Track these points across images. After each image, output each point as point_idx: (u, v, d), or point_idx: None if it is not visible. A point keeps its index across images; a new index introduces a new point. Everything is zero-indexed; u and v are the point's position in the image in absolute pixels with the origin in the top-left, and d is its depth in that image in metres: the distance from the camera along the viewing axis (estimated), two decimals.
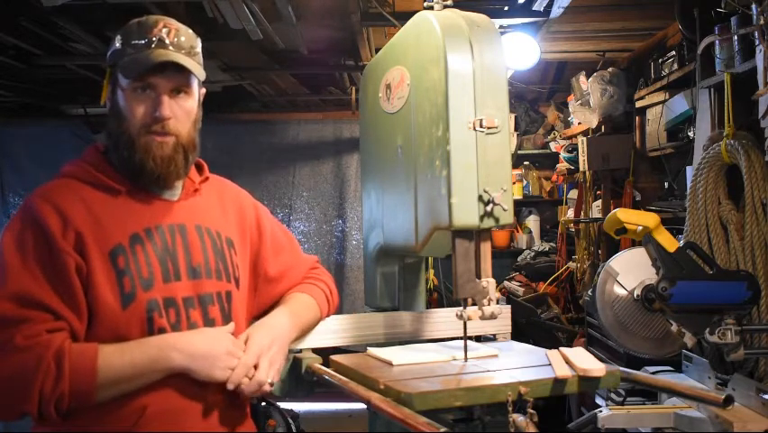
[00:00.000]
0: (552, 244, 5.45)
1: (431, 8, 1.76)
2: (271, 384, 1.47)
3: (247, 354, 1.45)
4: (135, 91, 1.45)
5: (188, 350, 1.39)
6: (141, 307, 1.39)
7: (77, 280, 1.35)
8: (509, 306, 2.05)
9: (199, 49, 1.53)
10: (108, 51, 1.51)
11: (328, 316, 1.79)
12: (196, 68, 1.48)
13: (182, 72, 1.46)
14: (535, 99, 6.03)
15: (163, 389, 1.39)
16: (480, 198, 1.56)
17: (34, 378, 1.25)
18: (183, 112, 1.48)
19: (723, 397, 1.48)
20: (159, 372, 1.37)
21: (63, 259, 1.34)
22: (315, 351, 1.79)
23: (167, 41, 1.45)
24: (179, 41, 1.47)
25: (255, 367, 1.45)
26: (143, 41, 1.44)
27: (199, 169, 1.62)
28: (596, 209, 4.39)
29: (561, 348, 1.62)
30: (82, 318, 1.35)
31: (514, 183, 5.49)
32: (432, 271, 4.74)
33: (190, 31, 1.52)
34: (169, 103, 1.45)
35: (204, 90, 1.57)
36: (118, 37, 1.49)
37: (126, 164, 1.47)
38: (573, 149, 4.79)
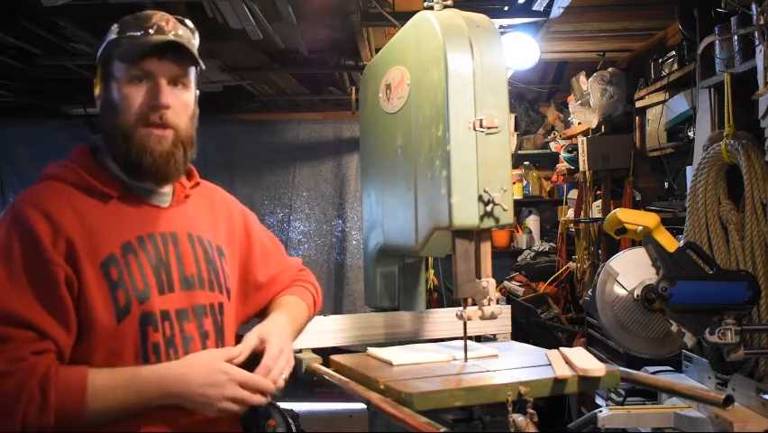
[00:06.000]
0: (552, 244, 5.45)
1: (431, 8, 1.77)
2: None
3: (266, 365, 1.40)
4: (132, 81, 1.37)
5: (185, 392, 1.31)
6: (135, 320, 1.32)
7: (67, 293, 1.26)
8: (509, 306, 2.06)
9: (197, 43, 1.47)
10: (101, 46, 1.44)
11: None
12: (196, 54, 1.42)
13: (181, 61, 1.40)
14: (535, 99, 6.03)
15: (158, 413, 1.31)
16: (480, 198, 1.56)
17: (17, 406, 1.17)
18: (181, 104, 1.41)
19: (723, 397, 1.48)
20: (151, 407, 1.30)
21: (53, 270, 1.25)
22: (315, 351, 1.79)
23: (165, 29, 1.40)
24: (177, 33, 1.42)
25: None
26: (140, 32, 1.38)
27: (188, 174, 1.53)
28: (596, 209, 4.39)
29: (561, 348, 1.62)
30: (71, 332, 1.27)
31: (514, 183, 5.49)
32: (432, 271, 4.74)
33: (188, 22, 1.47)
34: (168, 92, 1.38)
35: (198, 92, 1.51)
36: (114, 27, 1.42)
37: (122, 160, 1.39)
38: (573, 149, 4.79)
